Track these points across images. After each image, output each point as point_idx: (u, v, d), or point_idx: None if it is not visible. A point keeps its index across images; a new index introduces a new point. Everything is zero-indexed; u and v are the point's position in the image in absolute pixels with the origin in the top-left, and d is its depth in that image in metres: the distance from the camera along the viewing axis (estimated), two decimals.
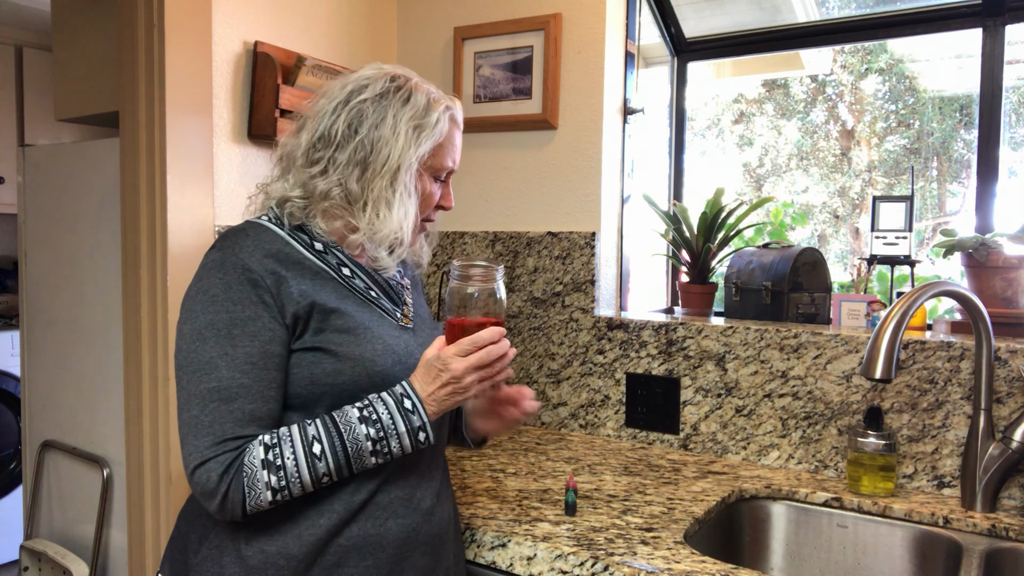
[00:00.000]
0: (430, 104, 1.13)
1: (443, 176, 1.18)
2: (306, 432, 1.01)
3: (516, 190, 2.02)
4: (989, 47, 1.79)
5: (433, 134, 1.12)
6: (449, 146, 1.16)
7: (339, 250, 1.13)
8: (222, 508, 1.00)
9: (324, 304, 1.06)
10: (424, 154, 1.12)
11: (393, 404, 1.03)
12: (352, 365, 1.05)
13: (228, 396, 1.00)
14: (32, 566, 1.99)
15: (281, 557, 1.03)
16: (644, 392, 1.81)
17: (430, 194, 1.16)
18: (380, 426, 1.02)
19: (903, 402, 1.53)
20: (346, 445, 1.01)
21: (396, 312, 1.16)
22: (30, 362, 2.18)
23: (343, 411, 1.03)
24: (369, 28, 2.10)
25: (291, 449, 1.00)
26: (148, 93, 1.58)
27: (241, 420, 1.00)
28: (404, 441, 1.03)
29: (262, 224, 1.11)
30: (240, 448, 1.00)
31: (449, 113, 1.15)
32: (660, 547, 1.19)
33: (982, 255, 1.56)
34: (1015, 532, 1.33)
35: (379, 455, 1.03)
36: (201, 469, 0.99)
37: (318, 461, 1.00)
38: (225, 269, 1.04)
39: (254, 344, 1.02)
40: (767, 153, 3.71)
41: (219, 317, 1.02)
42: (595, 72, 1.89)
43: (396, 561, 1.09)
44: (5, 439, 3.42)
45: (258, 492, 0.98)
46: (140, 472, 1.63)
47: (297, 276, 1.07)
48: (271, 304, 1.03)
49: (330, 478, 1.02)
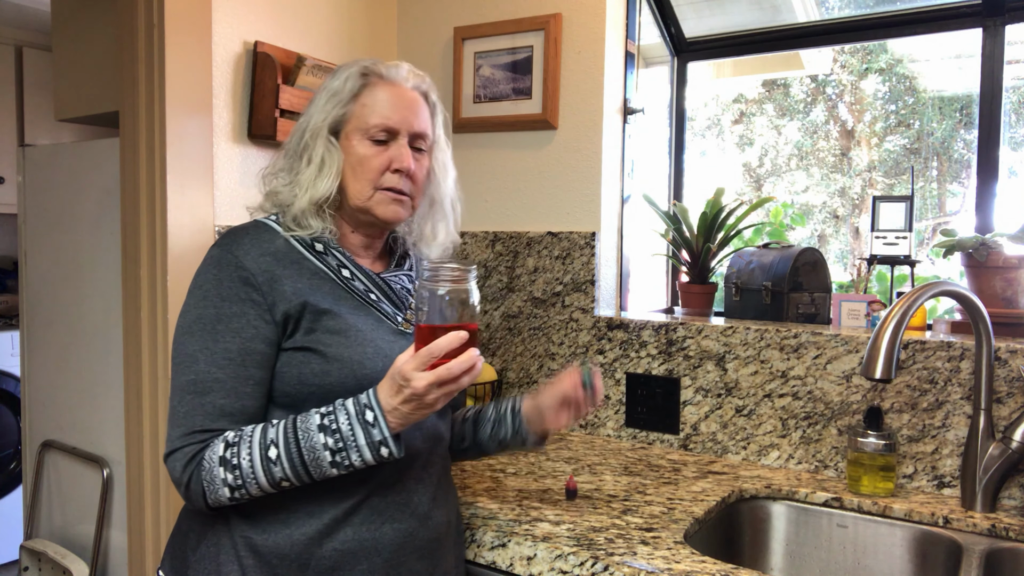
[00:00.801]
0: (347, 70, 1.14)
1: (379, 136, 1.12)
2: (265, 435, 1.00)
3: (516, 190, 2.02)
4: (989, 47, 1.79)
5: (342, 96, 1.12)
6: (372, 103, 1.12)
7: (341, 252, 1.14)
8: (188, 498, 1.04)
9: (316, 304, 1.07)
10: (337, 117, 1.12)
11: (354, 414, 0.99)
12: (340, 366, 1.05)
13: (202, 389, 1.03)
14: (32, 566, 2.00)
15: (274, 557, 1.04)
16: (644, 392, 1.81)
17: (364, 156, 1.12)
18: (339, 436, 0.98)
19: (903, 402, 1.53)
20: (302, 453, 0.98)
21: (397, 316, 1.16)
22: (30, 362, 2.18)
23: (307, 416, 1.01)
24: (369, 28, 2.10)
25: (248, 450, 0.99)
26: (148, 93, 1.58)
27: (212, 414, 1.02)
28: (365, 455, 0.99)
29: (266, 223, 1.13)
30: (206, 442, 1.02)
31: (363, 71, 1.14)
32: (660, 547, 1.19)
33: (982, 255, 1.56)
34: (1015, 532, 1.33)
35: (340, 467, 0.99)
36: (170, 458, 1.03)
37: (273, 465, 0.99)
38: (220, 266, 1.06)
39: (235, 340, 1.03)
40: (767, 153, 3.71)
41: (207, 312, 1.05)
42: (595, 72, 1.89)
43: (392, 566, 1.08)
44: (5, 439, 3.42)
45: (216, 487, 1.00)
46: (140, 472, 1.63)
47: (294, 275, 1.08)
48: (260, 302, 1.05)
49: (291, 482, 1.00)
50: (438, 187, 1.23)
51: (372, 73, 1.14)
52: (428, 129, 1.17)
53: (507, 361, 2.02)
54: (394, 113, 1.12)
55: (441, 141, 1.22)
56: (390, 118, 1.12)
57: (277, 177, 1.16)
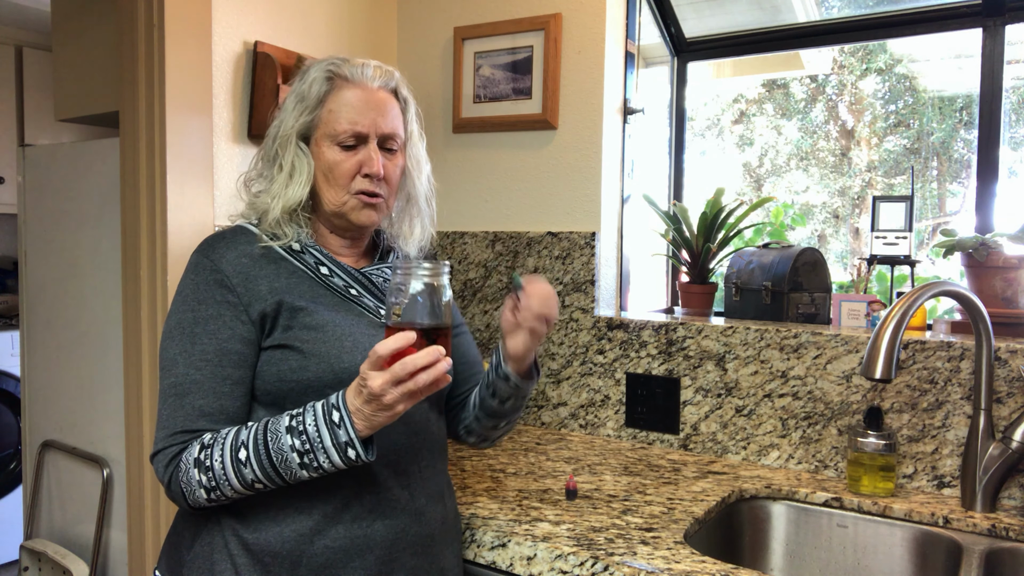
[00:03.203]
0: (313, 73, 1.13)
1: (347, 141, 1.11)
2: (238, 437, 1.01)
3: (516, 190, 2.02)
4: (989, 47, 1.79)
5: (310, 101, 1.12)
6: (338, 107, 1.11)
7: (317, 250, 1.15)
8: (172, 499, 1.06)
9: (292, 303, 1.08)
10: (306, 123, 1.12)
11: (321, 415, 0.97)
12: (317, 362, 1.06)
13: (182, 391, 1.05)
14: (32, 566, 2.00)
15: (266, 555, 1.04)
16: (644, 392, 1.81)
17: (334, 162, 1.11)
18: (306, 438, 0.97)
19: (903, 402, 1.53)
20: (271, 455, 0.98)
21: (380, 309, 1.17)
22: (30, 362, 2.18)
23: (277, 419, 1.01)
24: (369, 28, 2.10)
25: (220, 452, 1.00)
26: (148, 93, 1.58)
27: (191, 415, 1.04)
28: (333, 456, 0.96)
29: (245, 227, 1.16)
30: (187, 443, 1.04)
31: (328, 74, 1.12)
32: (660, 547, 1.19)
33: (982, 255, 1.56)
34: (1015, 532, 1.33)
35: (309, 468, 0.98)
36: (155, 459, 1.06)
37: (244, 467, 0.99)
38: (198, 271, 1.09)
39: (212, 342, 1.05)
40: (767, 153, 3.71)
41: (185, 316, 1.07)
42: (595, 72, 1.89)
43: (384, 562, 1.08)
44: (5, 439, 3.42)
45: (193, 489, 1.02)
46: (140, 472, 1.63)
47: (271, 276, 1.09)
48: (235, 303, 1.07)
49: (264, 484, 1.00)
50: (413, 184, 1.22)
51: (337, 76, 1.12)
52: (399, 128, 1.16)
53: None
54: (362, 117, 1.11)
55: (414, 136, 1.20)
56: (358, 123, 1.11)
57: (255, 183, 1.18)
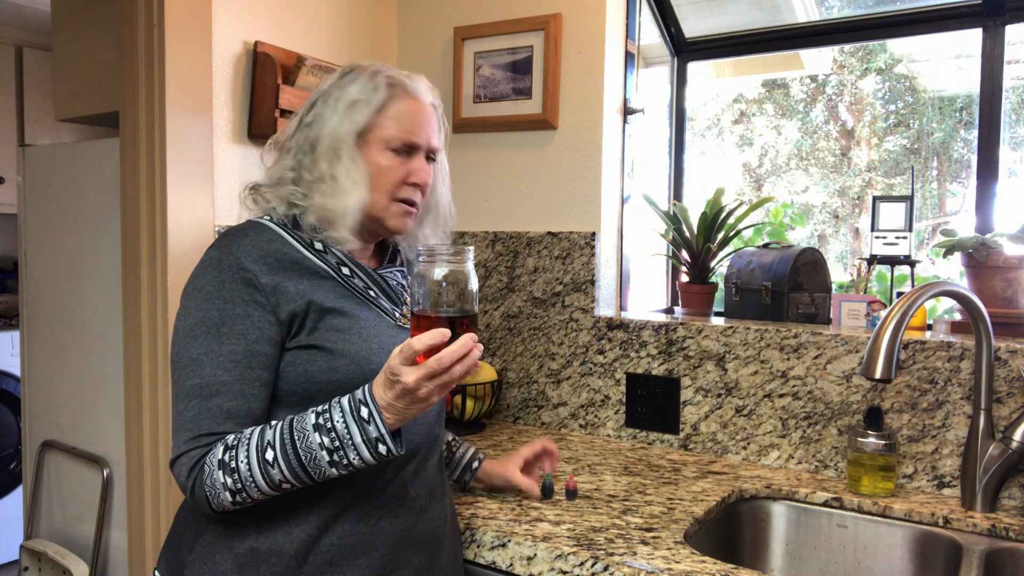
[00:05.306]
0: (370, 78, 1.13)
1: (400, 148, 1.13)
2: (263, 437, 0.99)
3: (516, 190, 2.02)
4: (989, 47, 1.79)
5: (370, 105, 1.12)
6: (398, 116, 1.12)
7: (339, 249, 1.14)
8: (194, 503, 1.03)
9: (321, 303, 1.07)
10: (362, 126, 1.11)
11: (349, 411, 0.97)
12: (347, 363, 1.05)
13: (208, 393, 1.02)
14: (32, 566, 2.00)
15: (272, 554, 1.04)
16: (644, 392, 1.81)
17: (386, 168, 1.12)
18: (335, 435, 0.96)
19: (903, 402, 1.53)
20: (299, 454, 0.97)
21: (395, 312, 1.16)
22: (30, 362, 2.18)
23: (303, 417, 0.99)
24: (369, 28, 2.10)
25: (245, 453, 0.98)
26: (148, 93, 1.58)
27: (218, 417, 1.01)
28: (363, 452, 0.96)
29: (263, 224, 1.13)
30: (211, 445, 1.01)
31: (389, 81, 1.13)
32: (660, 547, 1.19)
33: (982, 255, 1.56)
34: (1015, 532, 1.33)
35: (339, 466, 0.97)
36: (176, 463, 1.02)
37: (271, 468, 0.97)
38: (221, 267, 1.05)
39: (240, 342, 1.03)
40: (767, 153, 3.71)
41: (210, 315, 1.03)
42: (595, 72, 1.89)
43: (389, 560, 1.09)
44: (5, 439, 3.42)
45: (218, 492, 0.99)
46: (140, 472, 1.63)
47: (295, 275, 1.07)
48: (264, 303, 1.04)
49: (292, 484, 0.99)
50: (439, 195, 1.25)
51: (398, 85, 1.14)
52: (440, 143, 1.20)
53: (507, 361, 2.02)
54: (419, 129, 1.14)
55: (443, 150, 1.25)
56: (416, 134, 1.13)
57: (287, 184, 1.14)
